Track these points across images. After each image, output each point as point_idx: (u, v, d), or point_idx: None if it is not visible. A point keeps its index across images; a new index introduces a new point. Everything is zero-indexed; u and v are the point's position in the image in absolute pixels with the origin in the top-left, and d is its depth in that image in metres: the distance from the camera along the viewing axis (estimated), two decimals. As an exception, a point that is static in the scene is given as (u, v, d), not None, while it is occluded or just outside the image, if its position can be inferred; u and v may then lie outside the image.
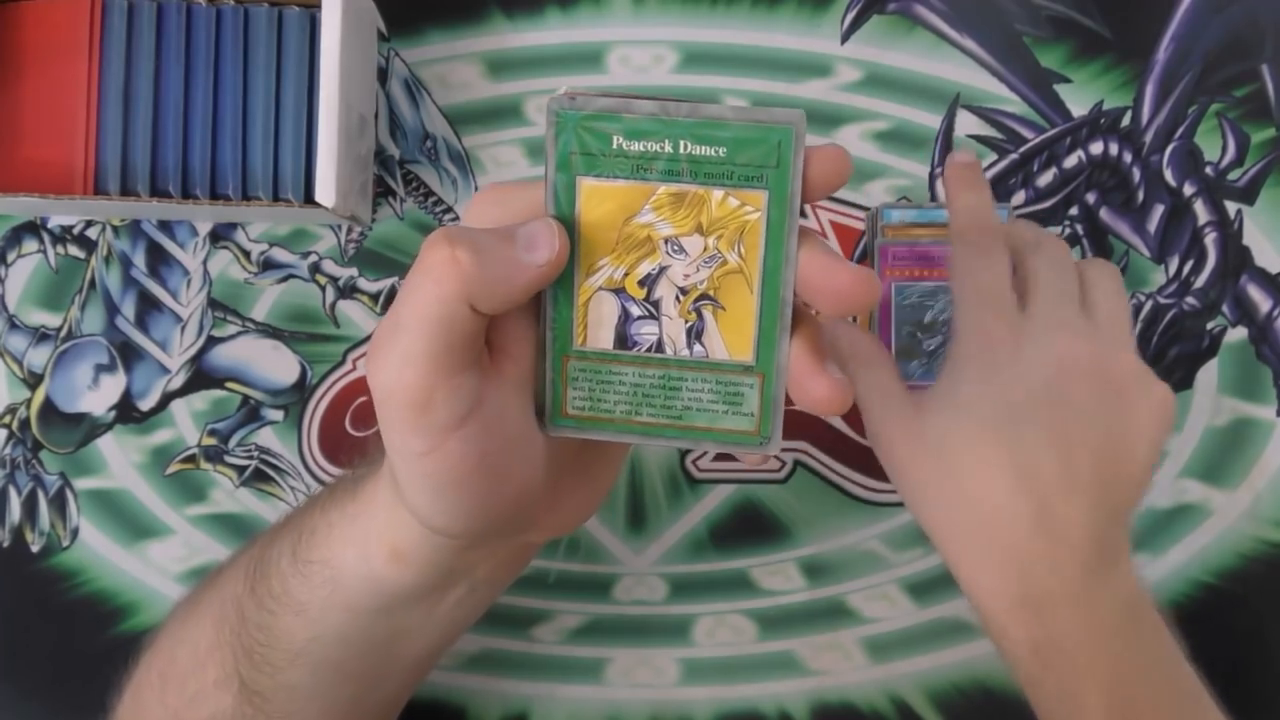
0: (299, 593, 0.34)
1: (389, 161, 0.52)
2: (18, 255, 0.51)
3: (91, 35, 0.48)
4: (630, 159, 0.26)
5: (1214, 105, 0.52)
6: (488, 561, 0.34)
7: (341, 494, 0.34)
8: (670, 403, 0.29)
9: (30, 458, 0.51)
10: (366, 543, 0.32)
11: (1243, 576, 0.51)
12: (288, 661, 0.35)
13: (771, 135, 0.25)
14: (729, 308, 0.28)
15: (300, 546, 0.34)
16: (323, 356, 0.51)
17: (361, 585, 0.33)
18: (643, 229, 0.27)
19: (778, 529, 0.51)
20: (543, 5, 0.51)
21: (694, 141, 0.26)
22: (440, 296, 0.26)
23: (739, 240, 0.27)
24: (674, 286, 0.28)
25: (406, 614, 0.34)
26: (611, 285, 0.28)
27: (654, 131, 0.26)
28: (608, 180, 0.27)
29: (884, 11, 0.52)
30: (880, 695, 0.51)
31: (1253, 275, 0.51)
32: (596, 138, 0.26)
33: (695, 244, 0.27)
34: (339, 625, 0.34)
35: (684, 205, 0.27)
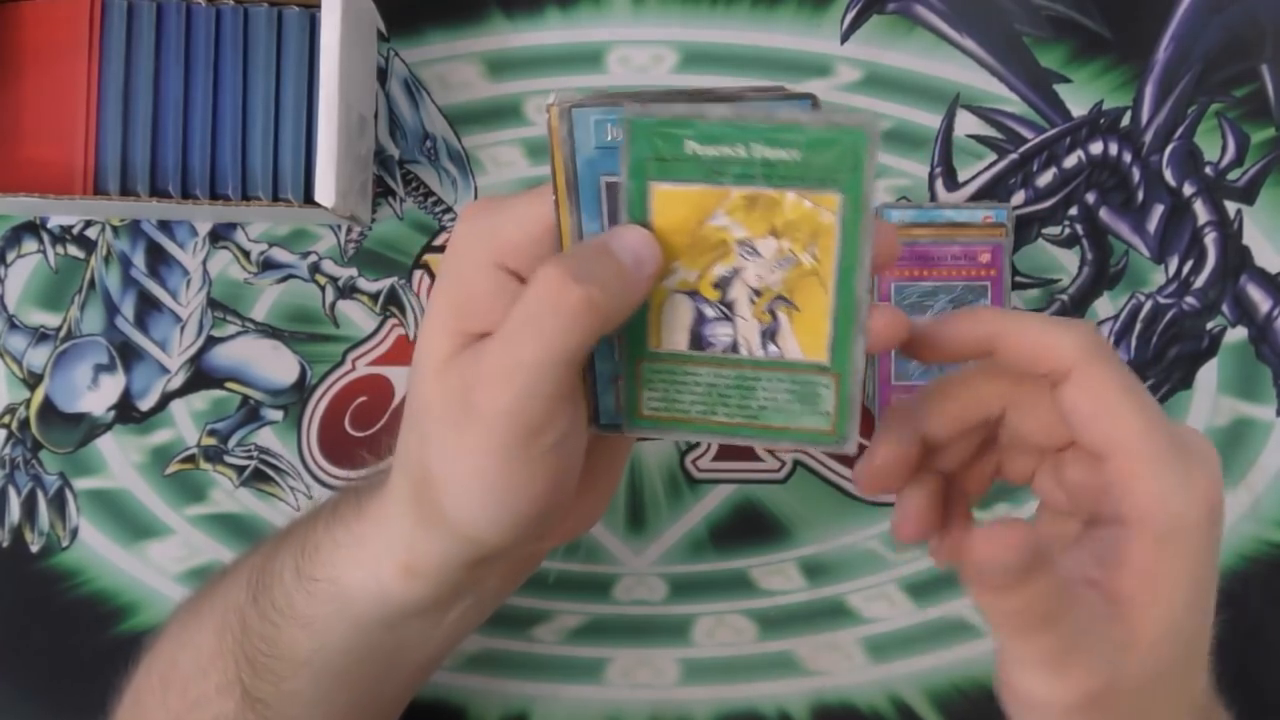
0: (304, 607, 0.34)
1: (389, 161, 0.52)
2: (17, 255, 0.51)
3: (91, 35, 0.48)
4: (704, 163, 0.26)
5: (1214, 105, 0.52)
6: (496, 574, 0.35)
7: (345, 512, 0.34)
8: (746, 402, 0.29)
9: (30, 458, 0.51)
10: (378, 561, 0.33)
11: (1243, 576, 0.51)
12: (292, 671, 0.35)
13: (846, 138, 0.25)
14: (803, 308, 0.27)
15: (304, 563, 0.34)
16: (322, 356, 0.51)
17: (370, 602, 0.33)
18: (717, 232, 0.27)
19: (778, 529, 0.51)
20: (542, 5, 0.51)
21: (768, 145, 0.25)
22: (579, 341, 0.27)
23: (813, 242, 0.27)
24: (748, 288, 0.28)
25: (412, 626, 0.34)
26: (685, 287, 0.28)
27: (728, 136, 0.25)
28: (681, 184, 0.26)
29: (884, 11, 0.52)
30: (880, 695, 0.51)
31: (1252, 275, 0.51)
32: (669, 143, 0.26)
33: (769, 246, 0.27)
34: (344, 637, 0.34)
35: (758, 208, 0.26)
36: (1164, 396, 0.51)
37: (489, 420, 0.28)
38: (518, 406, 0.28)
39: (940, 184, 0.51)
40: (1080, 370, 0.28)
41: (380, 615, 0.33)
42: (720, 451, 0.51)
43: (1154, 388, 0.51)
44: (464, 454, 0.29)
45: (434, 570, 0.32)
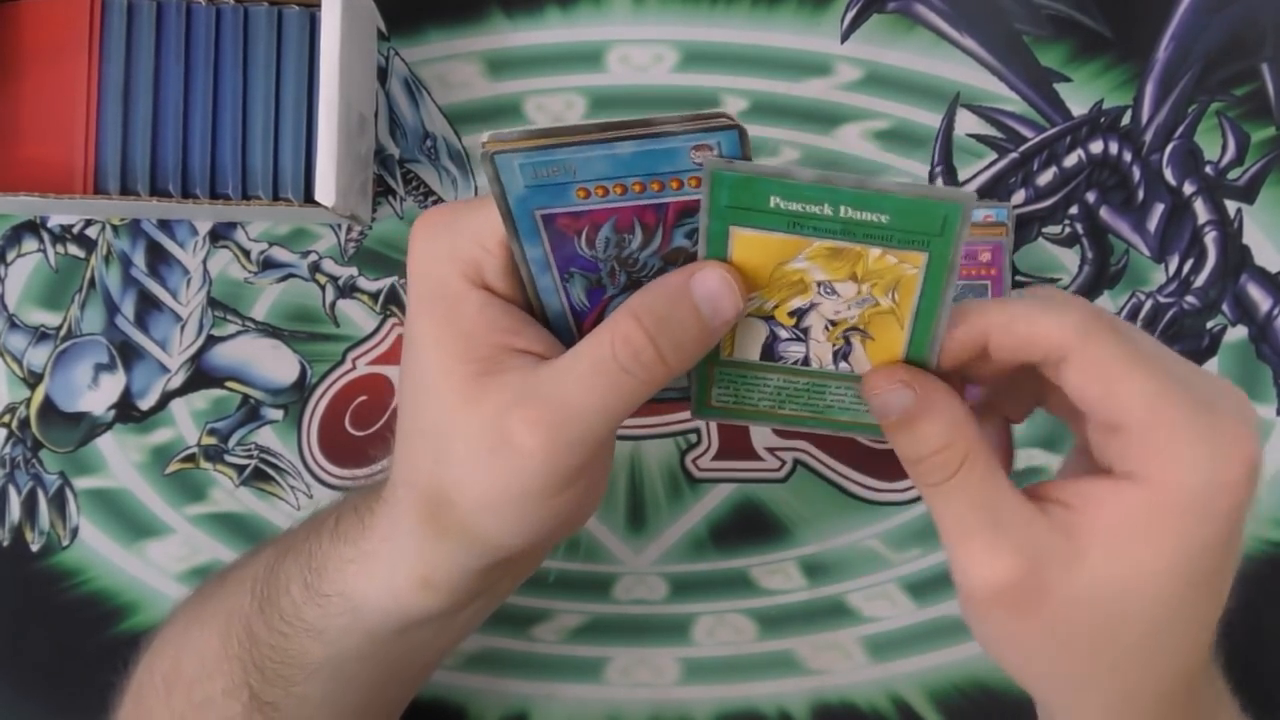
0: (315, 620, 0.34)
1: (389, 161, 0.52)
2: (17, 254, 0.51)
3: (91, 34, 0.48)
4: (787, 216, 0.26)
5: (1214, 104, 0.51)
6: (506, 578, 0.35)
7: (349, 527, 0.34)
8: (814, 402, 0.30)
9: (30, 457, 0.51)
10: (392, 576, 0.32)
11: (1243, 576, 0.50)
12: (303, 677, 0.35)
13: (939, 210, 0.25)
14: (878, 338, 0.28)
15: (312, 578, 0.34)
16: (323, 356, 0.51)
17: (384, 614, 0.33)
18: (796, 272, 0.27)
19: (778, 528, 0.51)
20: (543, 4, 0.51)
21: (855, 208, 0.25)
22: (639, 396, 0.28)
23: (894, 288, 0.27)
24: (824, 319, 0.28)
25: (422, 631, 0.34)
26: (761, 314, 0.29)
27: (815, 197, 0.25)
28: (762, 232, 0.26)
29: (884, 10, 0.52)
30: (880, 695, 0.51)
31: (1252, 274, 0.51)
32: (754, 196, 0.26)
33: (848, 288, 0.27)
34: (358, 645, 0.34)
35: (839, 258, 0.26)
36: (1164, 396, 0.51)
37: (535, 461, 0.28)
38: (570, 450, 0.28)
39: (940, 183, 0.51)
40: (1077, 352, 0.26)
41: (395, 624, 0.34)
42: (720, 451, 0.51)
43: (1154, 387, 0.51)
44: (499, 482, 0.29)
45: (452, 581, 0.32)
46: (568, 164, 0.26)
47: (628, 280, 0.29)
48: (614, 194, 0.27)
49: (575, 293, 0.30)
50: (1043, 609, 0.27)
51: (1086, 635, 0.27)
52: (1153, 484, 0.26)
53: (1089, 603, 0.27)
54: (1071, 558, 0.26)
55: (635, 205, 0.27)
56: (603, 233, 0.28)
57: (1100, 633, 0.27)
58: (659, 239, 0.28)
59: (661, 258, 0.28)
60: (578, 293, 0.30)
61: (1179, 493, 0.26)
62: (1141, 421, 0.26)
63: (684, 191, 0.27)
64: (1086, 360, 0.26)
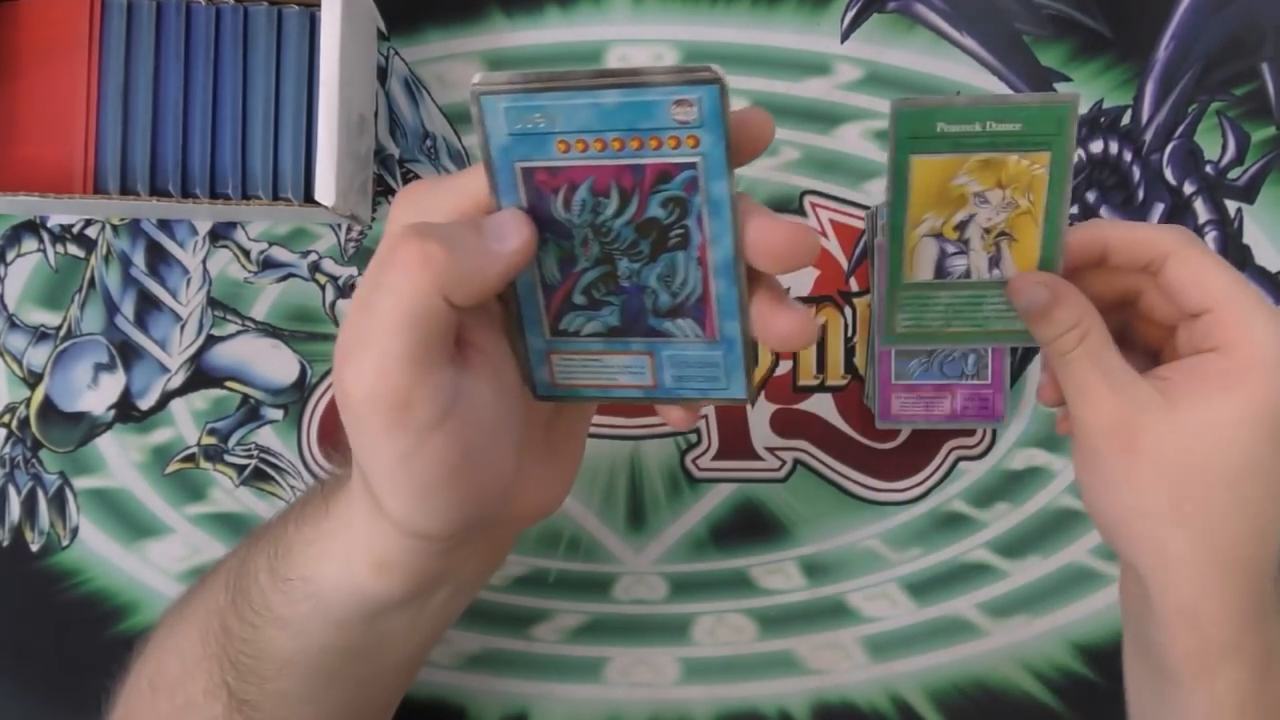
0: (280, 608, 0.34)
1: (389, 160, 0.52)
2: (17, 254, 0.51)
3: (91, 34, 0.48)
4: (950, 138, 0.33)
5: (1214, 104, 0.51)
6: (470, 561, 0.34)
7: (313, 510, 0.34)
8: (974, 314, 0.37)
9: (30, 457, 0.51)
10: (349, 558, 0.32)
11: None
12: (275, 672, 0.34)
13: (1056, 111, 0.32)
14: (1020, 239, 0.35)
15: (277, 563, 0.34)
16: (322, 355, 0.51)
17: (345, 599, 0.33)
18: (958, 188, 0.34)
19: (778, 528, 0.51)
20: (542, 4, 0.51)
21: (998, 121, 0.33)
22: (415, 292, 0.26)
23: (1029, 190, 0.34)
24: (980, 228, 0.35)
25: (391, 620, 0.34)
26: (933, 232, 0.35)
27: (970, 116, 0.33)
28: (933, 155, 0.34)
29: (884, 10, 0.52)
30: (880, 694, 0.51)
31: (1253, 274, 0.51)
32: (925, 124, 0.33)
33: (996, 195, 0.34)
34: (324, 636, 0.34)
35: (989, 168, 0.34)
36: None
37: (356, 400, 0.27)
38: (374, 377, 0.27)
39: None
40: (1177, 253, 0.34)
41: (358, 611, 0.33)
42: (720, 450, 0.51)
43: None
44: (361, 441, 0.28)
45: (404, 564, 0.31)
46: (551, 112, 0.27)
47: (600, 253, 0.29)
48: (593, 149, 0.27)
49: (547, 264, 0.30)
50: (1141, 445, 0.33)
51: (1176, 471, 0.33)
52: (1230, 350, 0.33)
53: (1177, 442, 0.33)
54: (1165, 407, 0.33)
55: (614, 165, 0.27)
56: (579, 194, 0.28)
57: (1188, 469, 0.33)
58: (634, 205, 0.28)
59: (635, 228, 0.28)
60: (550, 264, 0.30)
61: (1251, 355, 0.33)
62: (1224, 302, 0.33)
63: (662, 152, 0.27)
64: (1187, 258, 0.34)
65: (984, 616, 0.51)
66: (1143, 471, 0.33)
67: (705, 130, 0.26)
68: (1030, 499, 0.51)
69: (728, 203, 0.27)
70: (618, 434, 0.51)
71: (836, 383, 0.51)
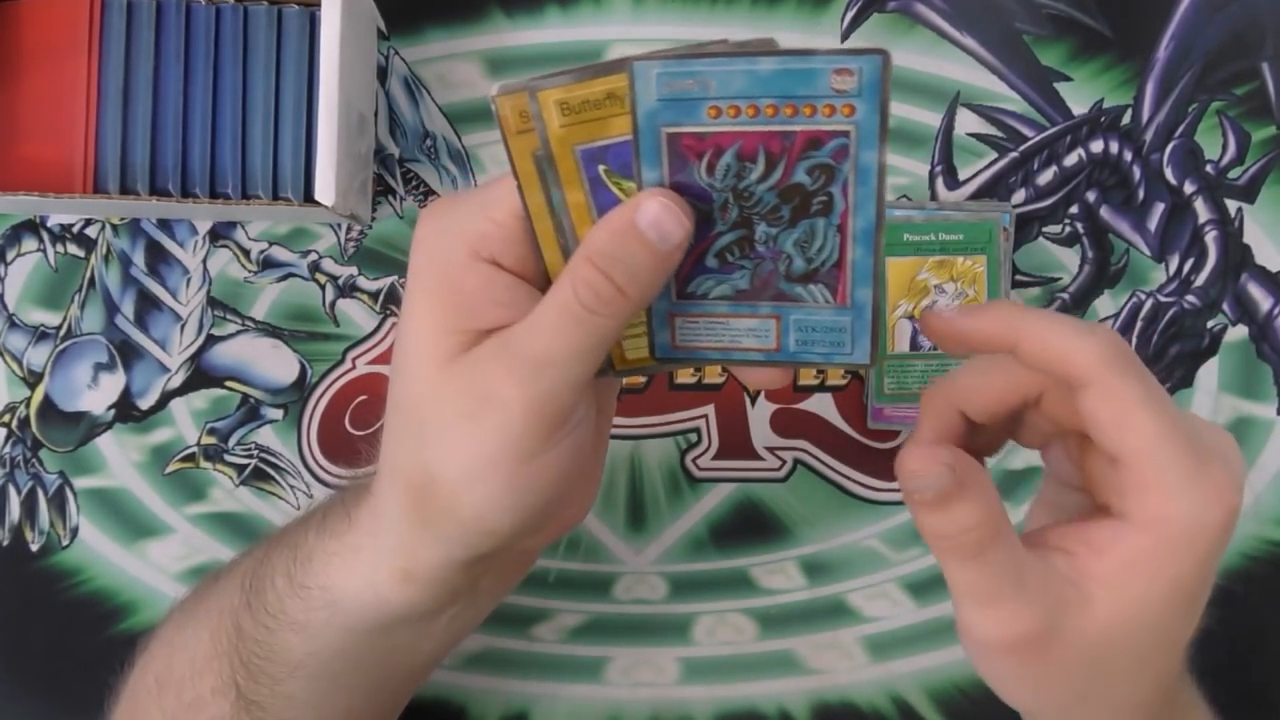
0: (297, 613, 0.34)
1: (389, 160, 0.52)
2: (17, 254, 0.51)
3: (91, 34, 0.48)
4: (913, 244, 0.47)
5: (1214, 103, 0.51)
6: (489, 576, 0.35)
7: (335, 521, 0.34)
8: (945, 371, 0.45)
9: (30, 456, 0.51)
10: (375, 568, 0.32)
11: (1244, 576, 0.51)
12: (286, 674, 0.35)
13: (987, 226, 0.47)
14: None
15: (296, 570, 0.34)
16: (322, 355, 0.51)
17: (365, 608, 0.33)
18: (922, 281, 0.47)
19: (778, 528, 0.51)
20: (542, 4, 0.51)
21: (945, 232, 0.47)
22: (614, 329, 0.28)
23: (973, 282, 0.47)
24: None
25: (405, 631, 0.34)
26: (906, 315, 0.47)
27: (924, 230, 0.47)
28: (902, 258, 0.47)
29: (884, 10, 0.52)
30: (881, 694, 0.51)
31: (1253, 274, 0.51)
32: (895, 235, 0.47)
33: (950, 286, 0.47)
34: (338, 642, 0.34)
35: (943, 266, 0.47)
36: (1165, 395, 0.51)
37: (514, 411, 0.28)
38: (547, 397, 0.28)
39: (941, 182, 0.51)
40: (1099, 381, 0.28)
41: (375, 621, 0.33)
42: (721, 450, 0.51)
43: (1155, 386, 0.51)
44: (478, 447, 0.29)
45: (433, 574, 0.32)
46: (705, 77, 0.27)
47: (738, 217, 0.29)
48: (745, 115, 0.27)
49: None
50: (1053, 652, 0.29)
51: (1086, 666, 0.29)
52: (1146, 523, 0.28)
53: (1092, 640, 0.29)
54: (1081, 604, 0.29)
55: (763, 131, 0.27)
56: (724, 159, 0.28)
57: (1098, 662, 0.29)
58: (780, 171, 0.28)
59: (778, 193, 0.28)
60: None
61: (1172, 532, 0.28)
62: (1143, 459, 0.28)
63: (815, 120, 0.27)
64: (1107, 390, 0.28)
65: (984, 616, 0.51)
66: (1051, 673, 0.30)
67: (863, 100, 0.26)
68: (1030, 498, 0.51)
69: (875, 172, 0.27)
70: (618, 433, 0.51)
71: (836, 382, 0.51)
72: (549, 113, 0.28)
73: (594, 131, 0.28)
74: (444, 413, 0.29)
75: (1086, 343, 0.28)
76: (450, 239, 0.30)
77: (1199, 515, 0.28)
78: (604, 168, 0.28)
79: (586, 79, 0.27)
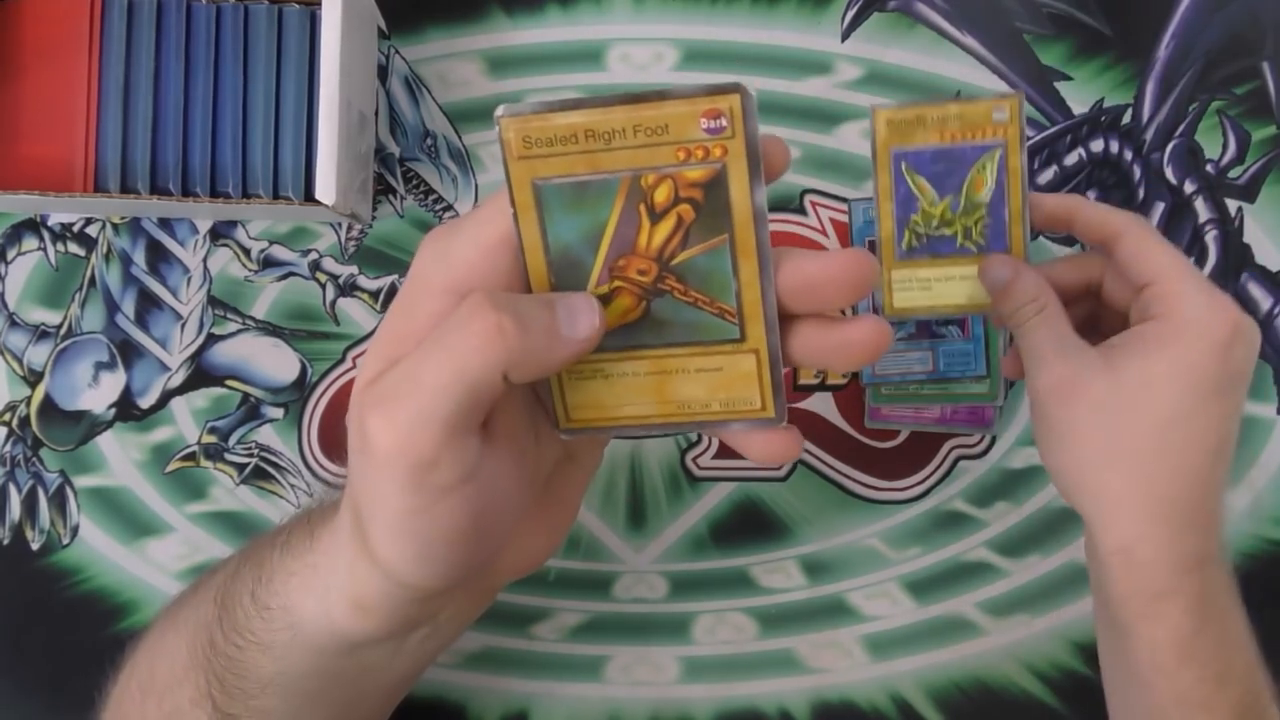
0: (262, 633, 0.34)
1: (389, 159, 0.52)
2: (18, 253, 0.51)
3: (91, 33, 0.48)
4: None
5: (1214, 103, 0.51)
6: (449, 607, 0.34)
7: (298, 539, 0.34)
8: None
9: (30, 455, 0.51)
10: (326, 594, 0.32)
11: (1243, 575, 0.50)
12: (259, 690, 0.34)
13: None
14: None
15: (260, 589, 0.34)
16: (323, 354, 0.51)
17: (323, 631, 0.32)
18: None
19: (778, 527, 0.51)
20: (543, 3, 0.51)
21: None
22: (479, 365, 0.26)
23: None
24: None
25: (370, 654, 0.34)
26: None
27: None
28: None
29: (884, 9, 0.52)
30: (880, 693, 0.51)
31: (1253, 273, 0.51)
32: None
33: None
34: (304, 662, 0.34)
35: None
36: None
37: (381, 450, 0.26)
38: (406, 433, 0.26)
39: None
40: (1129, 232, 0.39)
41: (335, 645, 0.33)
42: (721, 449, 0.51)
43: (1155, 386, 0.51)
44: (369, 487, 0.28)
45: (382, 607, 0.31)
46: None
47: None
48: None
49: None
50: (1082, 400, 0.38)
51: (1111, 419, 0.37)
52: (1166, 317, 0.37)
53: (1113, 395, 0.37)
54: (1105, 368, 0.38)
55: None
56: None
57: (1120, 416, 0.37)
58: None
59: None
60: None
61: (1184, 321, 0.37)
62: (1165, 276, 0.38)
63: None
64: (1136, 237, 0.39)
65: (984, 615, 0.51)
66: (1084, 422, 0.38)
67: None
68: (1030, 498, 0.51)
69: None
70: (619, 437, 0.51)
71: (836, 382, 0.51)
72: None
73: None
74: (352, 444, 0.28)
75: (1121, 212, 0.40)
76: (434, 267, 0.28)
77: (1208, 319, 0.37)
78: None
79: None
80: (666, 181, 0.27)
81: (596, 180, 0.27)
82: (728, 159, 0.26)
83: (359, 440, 0.27)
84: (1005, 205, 0.42)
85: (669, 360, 0.29)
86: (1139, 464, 0.37)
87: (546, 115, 0.26)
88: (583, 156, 0.26)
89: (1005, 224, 0.42)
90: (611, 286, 0.28)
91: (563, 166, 0.27)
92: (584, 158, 0.26)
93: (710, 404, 0.30)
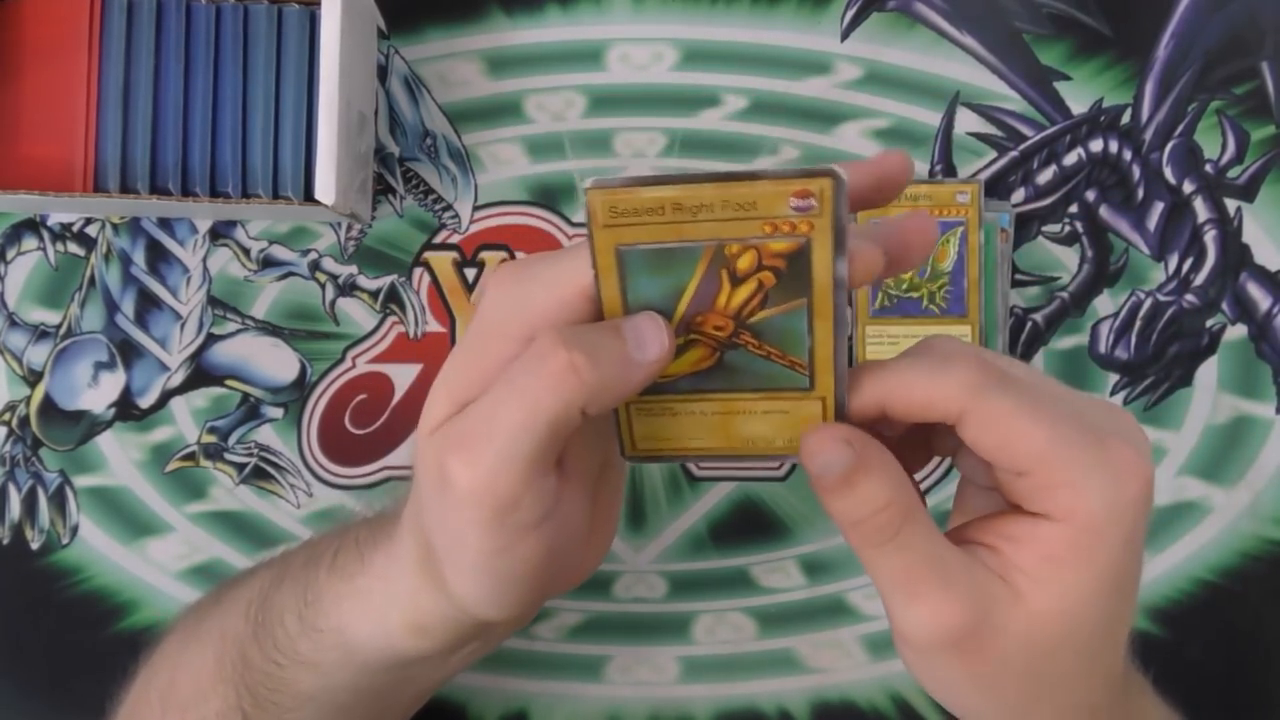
0: (309, 653, 0.34)
1: (389, 159, 0.52)
2: (17, 253, 0.51)
3: (91, 32, 0.48)
4: None
5: (1214, 103, 0.51)
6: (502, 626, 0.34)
7: (347, 560, 0.34)
8: None
9: (30, 455, 0.51)
10: (385, 618, 0.32)
11: (1242, 574, 0.51)
12: (295, 705, 0.35)
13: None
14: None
15: (307, 611, 0.34)
16: (322, 354, 0.51)
17: (377, 651, 0.33)
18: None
19: (777, 527, 0.51)
20: (543, 2, 0.51)
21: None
22: (558, 404, 0.26)
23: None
24: None
25: (419, 667, 0.34)
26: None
27: None
28: None
29: (884, 9, 0.52)
30: (880, 693, 0.51)
31: (1252, 273, 0.51)
32: None
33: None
34: (351, 679, 0.34)
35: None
36: (1163, 394, 0.51)
37: (461, 491, 0.27)
38: (489, 476, 0.26)
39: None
40: (972, 410, 0.27)
41: (389, 662, 0.33)
42: (720, 449, 0.51)
43: (1153, 385, 0.51)
44: (449, 527, 0.28)
45: (442, 628, 0.32)
46: None
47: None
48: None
49: None
50: (992, 650, 0.28)
51: (1028, 665, 0.29)
52: (1064, 519, 0.28)
53: (1029, 636, 0.28)
54: (1011, 598, 0.28)
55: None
56: None
57: (1041, 660, 0.29)
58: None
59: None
60: None
61: (1089, 521, 0.27)
62: (1041, 465, 0.27)
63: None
64: (982, 417, 0.27)
65: (984, 615, 0.51)
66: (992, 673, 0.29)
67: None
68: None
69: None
70: (618, 432, 0.51)
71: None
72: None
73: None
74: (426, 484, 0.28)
75: (946, 379, 0.27)
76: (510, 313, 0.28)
77: (1113, 499, 0.27)
78: None
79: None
80: (751, 251, 0.27)
81: (681, 247, 0.27)
82: (813, 234, 0.26)
83: (438, 481, 0.27)
84: (965, 275, 0.48)
85: (737, 403, 0.30)
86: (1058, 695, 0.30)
87: (634, 189, 0.26)
88: (668, 226, 0.26)
89: (964, 291, 0.48)
90: (686, 339, 0.28)
91: (648, 235, 0.27)
92: (669, 227, 0.26)
93: (775, 440, 0.31)
